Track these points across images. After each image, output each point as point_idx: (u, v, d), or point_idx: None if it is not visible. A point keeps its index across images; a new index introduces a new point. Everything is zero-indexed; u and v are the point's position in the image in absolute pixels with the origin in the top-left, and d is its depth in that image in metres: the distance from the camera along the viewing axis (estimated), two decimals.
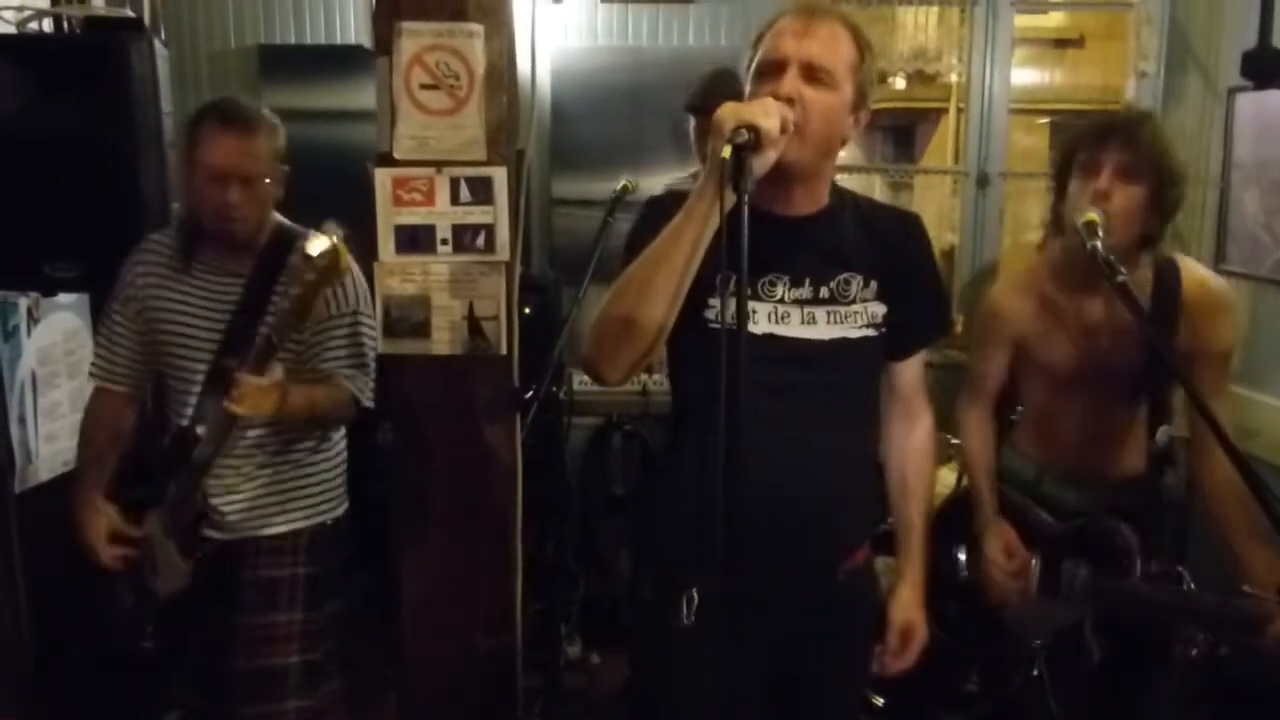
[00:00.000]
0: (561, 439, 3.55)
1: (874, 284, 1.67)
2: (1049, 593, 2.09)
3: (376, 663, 3.16)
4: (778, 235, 1.62)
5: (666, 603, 1.66)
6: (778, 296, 1.63)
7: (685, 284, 1.50)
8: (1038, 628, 2.12)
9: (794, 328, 1.63)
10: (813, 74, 1.53)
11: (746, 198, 1.33)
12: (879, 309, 1.68)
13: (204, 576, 2.14)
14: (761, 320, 1.62)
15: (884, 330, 1.69)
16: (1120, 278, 1.85)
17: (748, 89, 1.60)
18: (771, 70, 1.55)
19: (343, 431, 2.34)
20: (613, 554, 3.80)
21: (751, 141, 1.38)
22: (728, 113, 1.41)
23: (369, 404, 2.22)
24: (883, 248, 1.69)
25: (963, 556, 2.24)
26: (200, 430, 2.05)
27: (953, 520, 2.24)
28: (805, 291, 1.64)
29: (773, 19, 1.61)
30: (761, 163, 1.42)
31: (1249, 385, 3.36)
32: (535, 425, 2.30)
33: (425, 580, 2.20)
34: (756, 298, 1.62)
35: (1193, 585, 2.37)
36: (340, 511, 2.31)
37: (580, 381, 3.43)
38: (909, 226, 1.77)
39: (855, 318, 1.66)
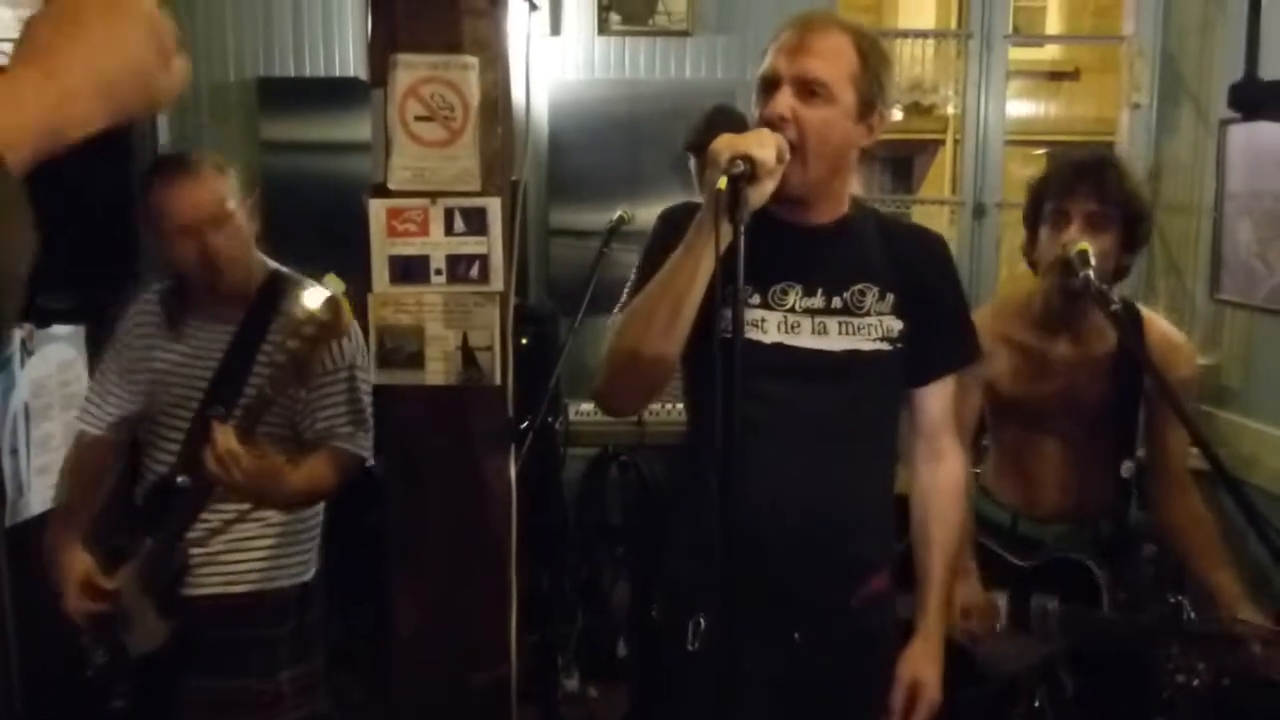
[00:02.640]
0: (558, 470, 3.54)
1: (890, 297, 1.64)
2: (1019, 628, 2.09)
3: (369, 696, 3.15)
4: (792, 243, 1.61)
5: (673, 628, 1.63)
6: (789, 305, 1.61)
7: (688, 317, 1.50)
8: (1009, 663, 2.11)
9: (804, 338, 1.61)
10: (807, 89, 1.52)
11: (743, 227, 1.34)
12: (895, 323, 1.64)
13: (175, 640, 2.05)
14: (771, 330, 1.60)
15: (900, 347, 1.64)
16: (1114, 306, 1.86)
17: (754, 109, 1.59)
18: (767, 88, 1.55)
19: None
20: (610, 585, 3.78)
21: (747, 172, 1.38)
22: (723, 145, 1.41)
23: (370, 460, 2.15)
24: (902, 263, 1.66)
25: None
26: (182, 481, 1.98)
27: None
28: (818, 301, 1.62)
29: (778, 33, 1.59)
30: (759, 194, 1.41)
31: (1245, 414, 3.36)
32: (531, 456, 2.29)
33: (419, 612, 2.19)
34: (767, 306, 1.60)
35: (1193, 615, 2.37)
36: (306, 577, 2.21)
37: (577, 412, 3.42)
38: (932, 246, 1.74)
39: (869, 330, 1.62)
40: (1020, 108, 10.77)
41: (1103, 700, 2.10)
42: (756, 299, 1.60)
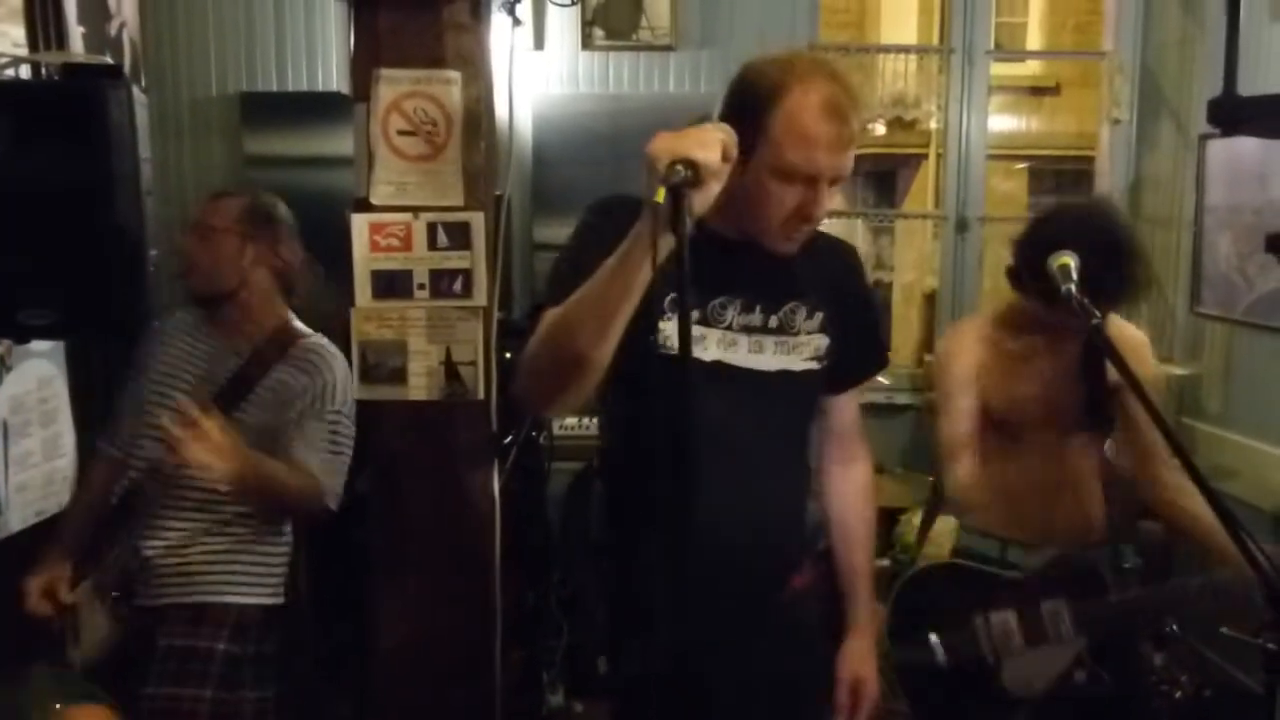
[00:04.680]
0: (542, 484, 3.53)
1: (819, 316, 1.65)
2: (1036, 641, 2.09)
3: (355, 711, 3.13)
4: (731, 258, 1.57)
5: (621, 650, 1.67)
6: (727, 322, 1.60)
7: (619, 329, 1.42)
8: (1039, 680, 2.11)
9: (741, 356, 1.60)
10: (834, 180, 1.53)
11: (688, 236, 1.23)
12: (823, 341, 1.66)
13: (129, 648, 2.07)
14: (711, 346, 1.58)
15: (825, 364, 1.66)
16: (1095, 320, 1.88)
17: (763, 172, 1.50)
18: (803, 177, 1.50)
19: (290, 528, 2.24)
20: (595, 601, 3.76)
21: (689, 178, 1.25)
22: (661, 149, 1.28)
23: (334, 505, 2.11)
24: (827, 278, 1.67)
25: (934, 638, 2.19)
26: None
27: (915, 604, 2.22)
28: (755, 319, 1.61)
29: (796, 94, 1.49)
30: (703, 199, 1.30)
31: (1225, 426, 3.38)
32: (515, 470, 2.29)
33: (403, 627, 2.18)
34: (705, 322, 1.58)
35: (1176, 627, 2.38)
36: (273, 601, 2.18)
37: (561, 426, 3.41)
38: (849, 258, 1.77)
39: (801, 350, 1.64)
40: (1002, 123, 10.85)
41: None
42: (696, 314, 1.55)
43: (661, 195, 1.24)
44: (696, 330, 1.54)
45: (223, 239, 2.12)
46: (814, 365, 1.65)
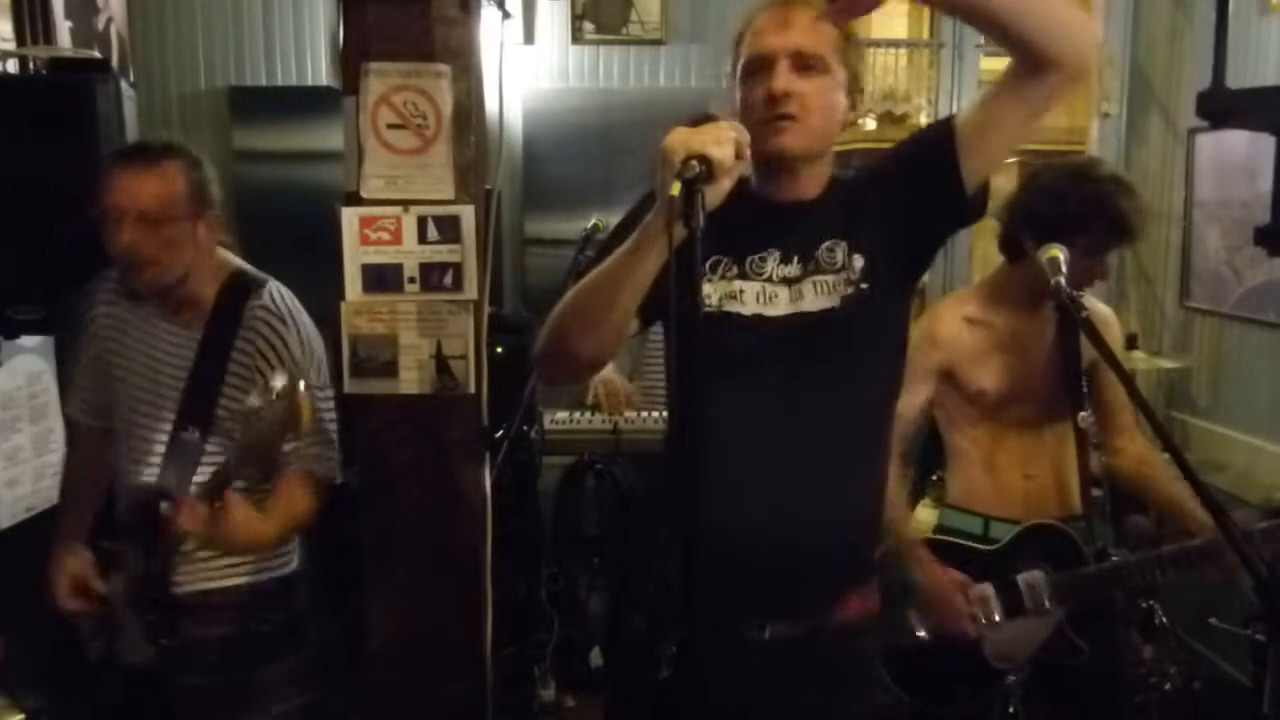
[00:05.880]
0: (534, 478, 3.53)
1: (844, 244, 1.55)
2: (1015, 613, 2.11)
3: (345, 707, 3.13)
4: (772, 217, 1.57)
5: (648, 650, 1.54)
6: (767, 274, 1.56)
7: (629, 316, 1.44)
8: (1020, 650, 2.14)
9: (781, 307, 1.54)
10: (803, 62, 1.49)
11: (699, 232, 1.23)
12: (859, 263, 1.54)
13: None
14: (750, 301, 1.54)
15: (871, 282, 1.54)
16: (1084, 313, 1.90)
17: (736, 93, 1.55)
18: (760, 67, 1.50)
19: None
20: (586, 595, 3.77)
21: (703, 174, 1.27)
22: (676, 143, 1.30)
23: (340, 479, 2.04)
24: (849, 204, 1.58)
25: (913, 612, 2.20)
26: (165, 507, 1.85)
27: (891, 582, 2.21)
28: (793, 269, 1.55)
29: (749, 18, 1.56)
30: (715, 193, 1.30)
31: (1214, 420, 3.40)
32: (507, 465, 2.28)
33: (394, 622, 2.17)
34: (744, 276, 1.55)
35: (1164, 619, 2.40)
36: (290, 569, 2.09)
37: (552, 420, 3.41)
38: (866, 166, 1.67)
39: (840, 286, 1.54)
40: None
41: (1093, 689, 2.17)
42: (735, 270, 1.55)
43: (677, 189, 1.26)
44: (735, 285, 1.55)
45: (173, 226, 1.89)
46: (852, 290, 1.54)
